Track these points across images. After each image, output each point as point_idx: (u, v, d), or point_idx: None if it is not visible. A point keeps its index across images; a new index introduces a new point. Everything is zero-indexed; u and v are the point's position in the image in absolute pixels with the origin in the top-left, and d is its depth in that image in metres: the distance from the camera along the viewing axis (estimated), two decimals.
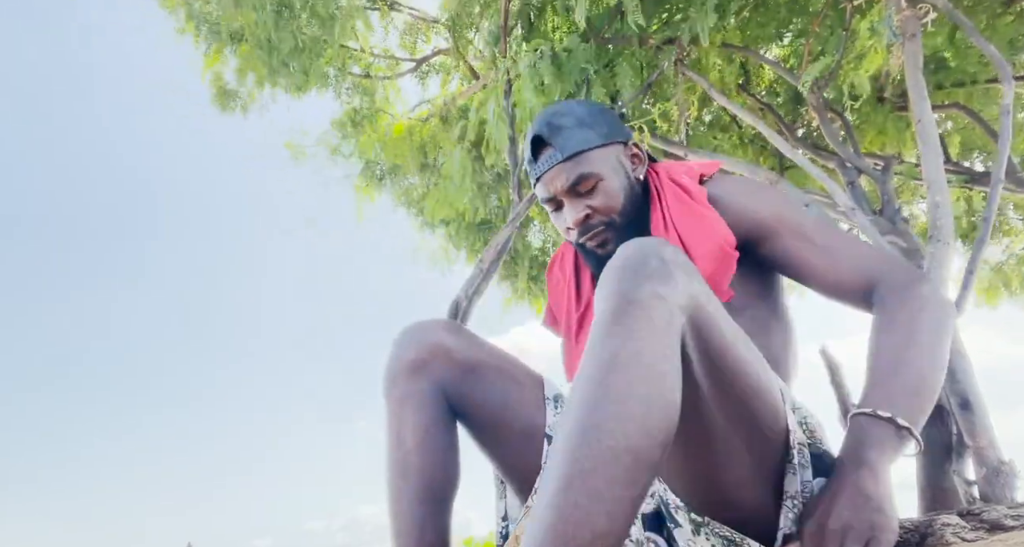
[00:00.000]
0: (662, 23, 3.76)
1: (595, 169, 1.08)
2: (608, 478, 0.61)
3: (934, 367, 0.86)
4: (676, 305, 0.71)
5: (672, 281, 0.72)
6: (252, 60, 4.17)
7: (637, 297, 0.70)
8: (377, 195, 5.17)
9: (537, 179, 1.12)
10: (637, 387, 0.65)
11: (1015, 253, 5.40)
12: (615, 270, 0.74)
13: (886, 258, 0.98)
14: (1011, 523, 1.23)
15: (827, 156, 3.91)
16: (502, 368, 1.05)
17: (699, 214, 1.02)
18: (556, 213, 1.12)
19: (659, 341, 0.68)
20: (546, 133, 1.10)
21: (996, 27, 3.64)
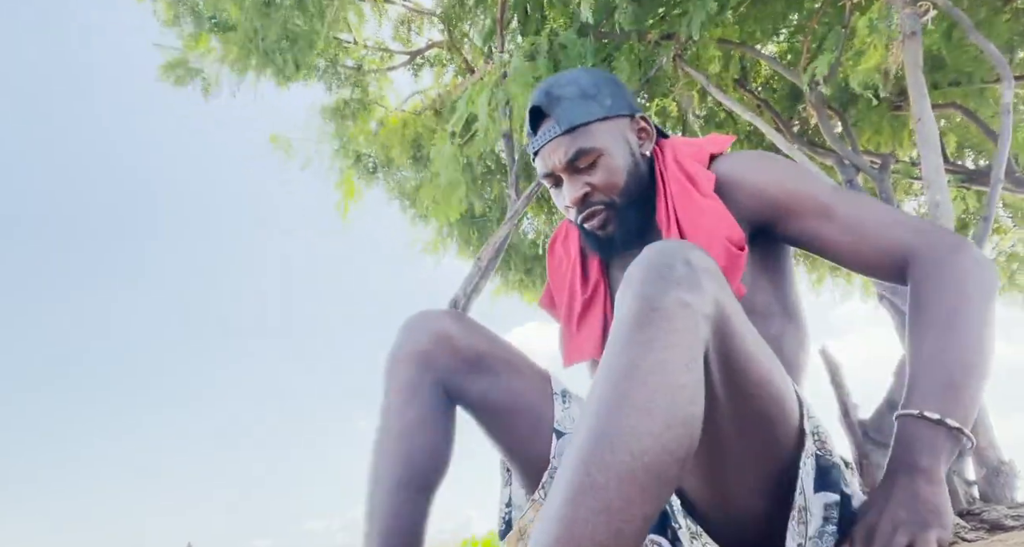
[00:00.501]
0: (659, 18, 3.73)
1: (596, 144, 1.02)
2: (621, 494, 0.59)
3: (981, 350, 0.80)
4: (702, 314, 0.68)
5: (699, 289, 0.68)
6: (238, 49, 4.08)
7: (662, 304, 0.67)
8: (369, 189, 5.11)
9: (535, 153, 1.07)
10: (658, 399, 0.62)
11: (1004, 251, 5.45)
12: (639, 273, 0.71)
13: (918, 227, 0.90)
14: (1011, 523, 1.22)
15: (824, 153, 3.90)
16: (508, 360, 1.02)
17: (702, 208, 0.96)
18: (556, 190, 1.07)
19: (683, 352, 0.65)
20: (545, 104, 1.04)
21: (994, 25, 3.64)
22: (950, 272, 0.84)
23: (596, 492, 0.59)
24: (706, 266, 0.72)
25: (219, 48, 4.26)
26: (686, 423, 0.63)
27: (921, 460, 0.74)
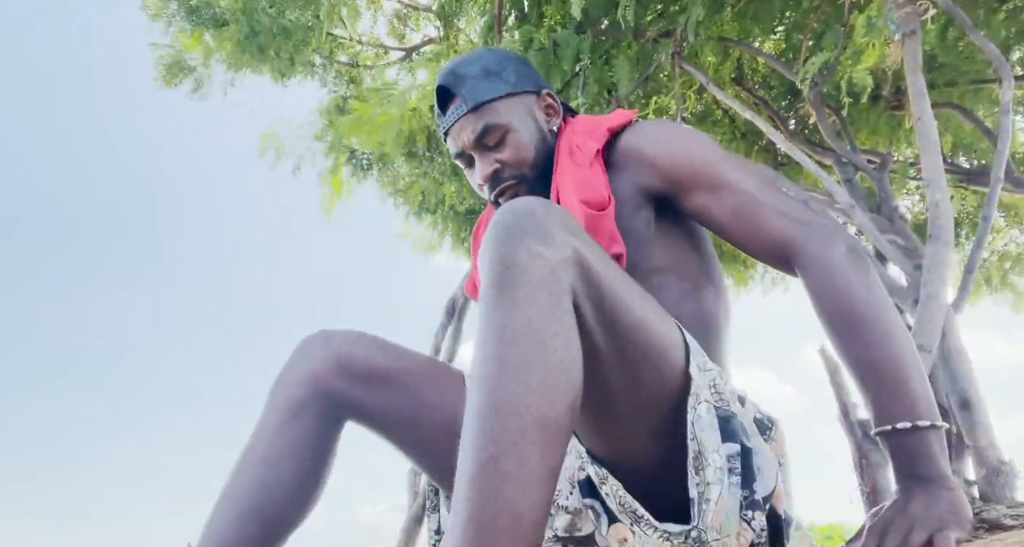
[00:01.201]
0: (657, 15, 3.71)
1: (502, 120, 1.03)
2: (519, 458, 0.59)
3: (896, 336, 0.82)
4: (558, 261, 0.68)
5: (549, 238, 0.69)
6: (233, 44, 4.03)
7: (516, 261, 0.67)
8: (363, 185, 5.08)
9: (446, 133, 1.07)
10: (532, 357, 0.63)
11: (997, 250, 5.47)
12: (490, 235, 0.71)
13: (800, 218, 0.91)
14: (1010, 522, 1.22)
15: (823, 152, 3.90)
16: (416, 371, 0.96)
17: (571, 176, 0.97)
18: (469, 170, 1.07)
19: (546, 303, 0.66)
20: (451, 83, 1.05)
21: (990, 25, 3.64)
22: (835, 267, 0.85)
23: (496, 463, 0.59)
24: (555, 216, 0.72)
25: (213, 44, 4.21)
26: (566, 371, 0.64)
27: (926, 469, 0.75)
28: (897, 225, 3.16)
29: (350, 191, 4.96)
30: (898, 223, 3.17)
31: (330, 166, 4.87)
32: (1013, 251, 5.49)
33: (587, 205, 0.93)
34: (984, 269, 5.47)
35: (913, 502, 0.73)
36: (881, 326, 0.82)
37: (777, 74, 4.23)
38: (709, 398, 0.81)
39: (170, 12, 4.15)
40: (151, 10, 4.13)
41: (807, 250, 0.88)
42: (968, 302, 5.52)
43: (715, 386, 0.83)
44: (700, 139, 1.00)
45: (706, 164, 0.95)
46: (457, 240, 5.35)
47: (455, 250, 5.43)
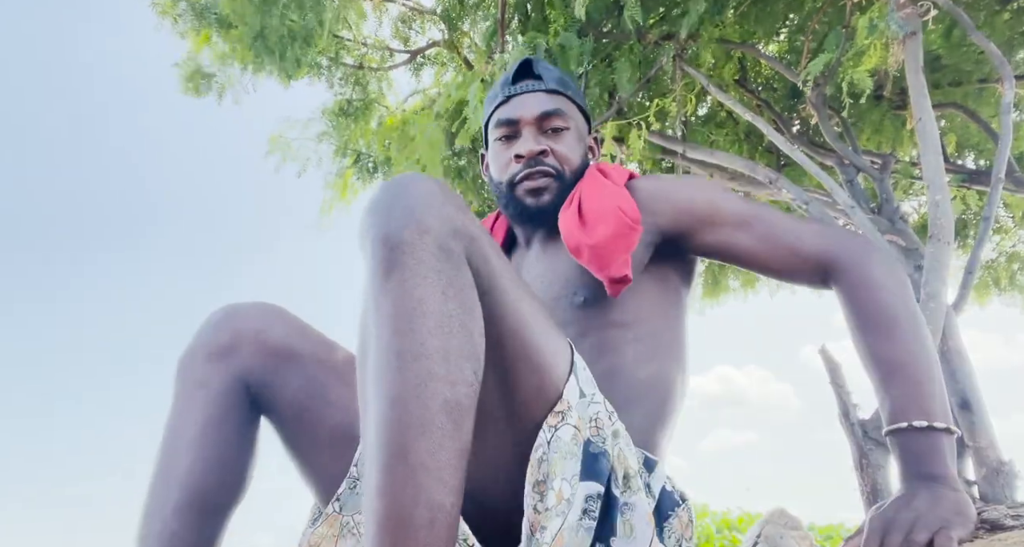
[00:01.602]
0: (659, 18, 3.73)
1: (569, 117, 1.06)
2: (429, 447, 0.57)
3: (925, 343, 0.84)
4: (448, 232, 0.65)
5: (435, 210, 0.65)
6: (240, 45, 4.07)
7: (400, 239, 0.63)
8: (367, 189, 5.10)
9: (506, 99, 1.07)
10: (429, 340, 0.60)
11: (1005, 251, 5.44)
12: (367, 215, 0.67)
13: (828, 233, 0.94)
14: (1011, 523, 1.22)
15: (824, 153, 3.90)
16: (327, 361, 0.89)
17: (605, 188, 0.98)
18: (505, 143, 1.06)
19: (437, 283, 0.62)
20: (536, 64, 1.08)
21: (994, 25, 3.64)
22: (874, 276, 0.88)
23: (406, 454, 0.57)
24: (439, 189, 0.68)
25: (221, 45, 4.25)
26: (464, 349, 0.62)
27: (934, 469, 0.75)
28: (898, 226, 3.15)
29: (355, 193, 4.99)
30: (899, 224, 3.17)
31: (338, 169, 4.90)
32: (1022, 252, 5.46)
33: (624, 212, 0.92)
34: (992, 270, 5.44)
35: (917, 500, 0.72)
36: (912, 329, 0.84)
37: (779, 76, 4.24)
38: (579, 426, 0.75)
39: (177, 11, 4.20)
40: (158, 7, 4.18)
41: (842, 262, 0.89)
42: (974, 303, 5.52)
43: (596, 420, 0.78)
44: (712, 182, 1.06)
45: (728, 201, 0.98)
46: None
47: None
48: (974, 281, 2.72)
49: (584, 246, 0.92)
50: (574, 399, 0.76)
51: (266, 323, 0.87)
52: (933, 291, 2.51)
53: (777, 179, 3.41)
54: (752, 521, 5.66)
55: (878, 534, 0.69)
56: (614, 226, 0.91)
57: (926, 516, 0.69)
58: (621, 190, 0.97)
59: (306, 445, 0.88)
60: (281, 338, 0.86)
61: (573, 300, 0.97)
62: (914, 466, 0.77)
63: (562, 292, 0.99)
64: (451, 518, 0.57)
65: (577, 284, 0.97)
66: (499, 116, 1.07)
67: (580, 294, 0.97)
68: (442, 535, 0.56)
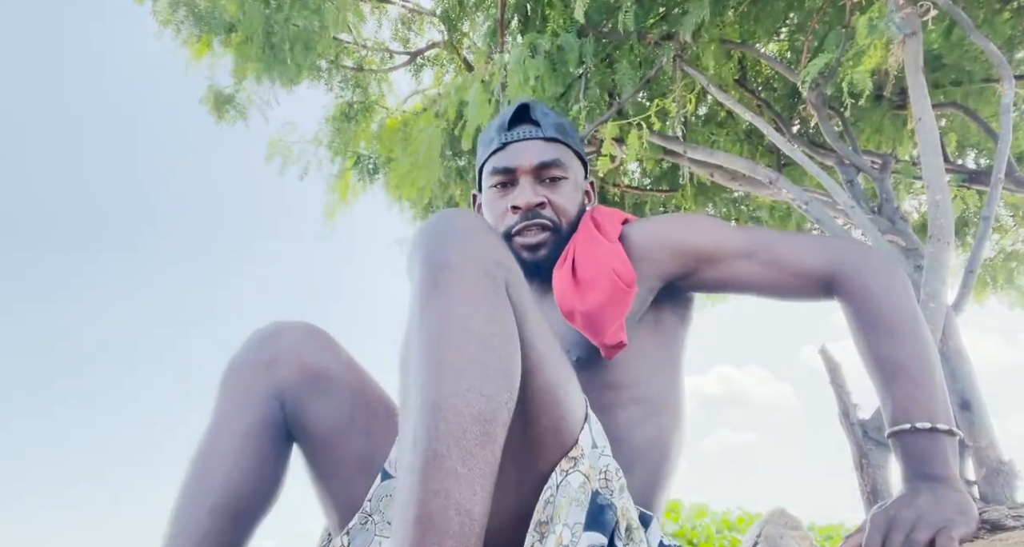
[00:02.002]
0: (659, 18, 3.73)
1: (566, 166, 1.04)
2: (462, 455, 0.59)
3: (928, 347, 0.85)
4: (493, 261, 0.69)
5: (479, 241, 0.69)
6: (244, 52, 4.08)
7: (448, 262, 0.67)
8: (367, 191, 5.11)
9: (502, 147, 1.04)
10: (469, 356, 0.63)
11: (1004, 250, 5.45)
12: (418, 239, 0.71)
13: (830, 246, 0.94)
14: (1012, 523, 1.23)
15: (825, 153, 3.90)
16: (356, 387, 0.90)
17: (599, 246, 0.96)
18: (500, 190, 1.03)
19: (482, 302, 0.66)
20: (534, 109, 1.05)
21: (994, 25, 3.64)
22: (875, 283, 0.88)
23: (440, 461, 0.59)
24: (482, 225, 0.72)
25: (226, 57, 4.26)
26: (502, 367, 0.64)
27: (937, 470, 0.75)
28: (898, 226, 3.16)
29: (356, 195, 4.99)
30: (899, 224, 3.17)
31: (338, 171, 4.91)
32: (1021, 251, 5.47)
33: (618, 275, 0.91)
34: (990, 268, 5.45)
35: (920, 499, 0.72)
36: (913, 331, 0.84)
37: (779, 76, 4.24)
38: (589, 475, 0.76)
39: (178, 19, 4.20)
40: (160, 15, 4.18)
41: (844, 273, 0.90)
42: (972, 301, 5.53)
43: (605, 472, 0.80)
44: (707, 216, 1.04)
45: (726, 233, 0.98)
46: None
47: None
48: (974, 281, 2.72)
49: (577, 312, 0.92)
50: (587, 447, 0.77)
51: (307, 344, 0.88)
52: (933, 291, 2.51)
53: (777, 179, 3.41)
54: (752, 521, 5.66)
55: (880, 532, 0.69)
56: (608, 291, 0.90)
57: (928, 515, 0.69)
58: (615, 247, 0.95)
59: (326, 468, 0.89)
60: (318, 360, 0.88)
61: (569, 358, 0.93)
62: (917, 467, 0.77)
63: None
64: (479, 527, 0.59)
65: (571, 342, 0.96)
66: (495, 163, 1.04)
67: (574, 352, 0.96)
68: (470, 543, 0.58)
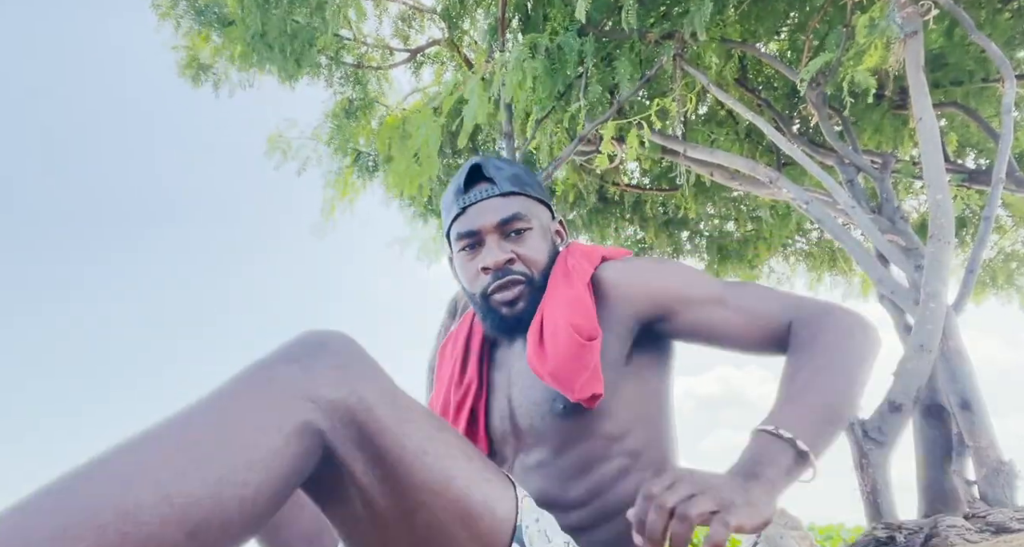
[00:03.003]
0: (660, 17, 3.72)
1: (528, 216, 1.02)
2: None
3: (848, 393, 0.80)
4: (311, 396, 0.60)
5: (318, 371, 0.62)
6: (240, 45, 4.07)
7: (257, 377, 0.61)
8: (367, 188, 5.10)
9: (462, 210, 1.03)
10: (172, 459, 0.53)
11: (1003, 250, 5.45)
12: (278, 348, 0.65)
13: (797, 303, 0.92)
14: (1017, 526, 1.22)
15: (825, 153, 3.90)
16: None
17: (562, 297, 0.95)
18: (469, 253, 1.02)
19: (250, 425, 0.57)
20: (486, 167, 1.04)
21: (995, 24, 3.64)
22: (826, 324, 0.86)
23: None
24: (345, 352, 0.65)
25: (221, 44, 4.25)
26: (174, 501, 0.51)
27: (764, 471, 0.69)
28: (899, 225, 3.15)
29: (356, 193, 4.99)
30: (899, 223, 3.17)
31: (337, 168, 4.90)
32: (1021, 251, 5.48)
33: (577, 330, 0.90)
34: (990, 268, 5.45)
35: (718, 479, 0.66)
36: (848, 374, 0.80)
37: (780, 75, 4.24)
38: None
39: (178, 12, 4.19)
40: (160, 8, 4.18)
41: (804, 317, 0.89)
42: (971, 301, 5.53)
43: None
44: (683, 264, 1.03)
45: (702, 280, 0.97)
46: None
47: None
48: (974, 281, 2.72)
49: (544, 373, 0.91)
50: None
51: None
52: (933, 291, 2.51)
53: (777, 178, 3.41)
54: None
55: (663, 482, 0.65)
56: (566, 347, 0.89)
57: (711, 493, 0.63)
58: (577, 295, 0.94)
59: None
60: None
61: (553, 407, 0.94)
62: (747, 462, 0.71)
63: (541, 398, 0.95)
64: None
65: (556, 392, 0.94)
66: (458, 229, 1.03)
67: (559, 402, 0.94)
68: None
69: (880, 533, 1.51)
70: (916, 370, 2.37)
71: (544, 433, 0.95)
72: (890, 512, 2.36)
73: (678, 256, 5.81)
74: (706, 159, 3.95)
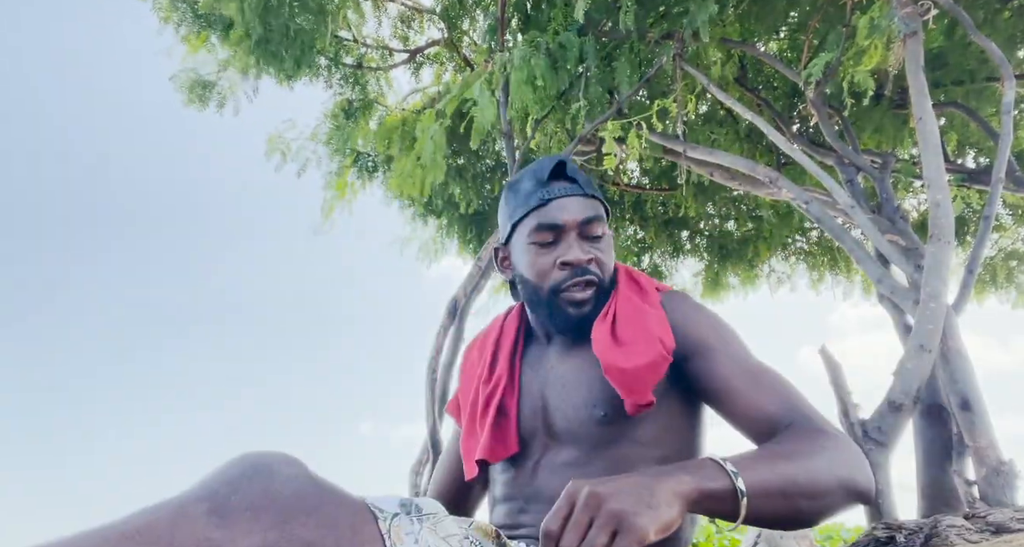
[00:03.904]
0: (659, 17, 3.72)
1: (606, 223, 1.05)
2: None
3: (810, 486, 0.75)
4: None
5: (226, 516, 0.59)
6: (239, 48, 4.07)
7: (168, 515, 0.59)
8: (367, 188, 5.11)
9: (544, 202, 1.02)
10: None
11: (1003, 249, 5.45)
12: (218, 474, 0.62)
13: (806, 403, 0.90)
14: (1017, 526, 1.23)
15: (825, 153, 3.90)
16: None
17: (644, 311, 0.97)
18: (547, 247, 1.02)
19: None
20: (569, 167, 1.06)
21: (995, 24, 3.64)
22: (819, 434, 0.82)
23: None
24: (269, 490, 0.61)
25: (220, 48, 4.25)
26: None
27: (679, 473, 0.68)
28: (899, 225, 3.16)
29: (355, 193, 4.99)
30: (899, 223, 3.17)
31: (336, 169, 4.90)
32: (1021, 250, 5.48)
33: (663, 344, 0.93)
34: (989, 267, 5.46)
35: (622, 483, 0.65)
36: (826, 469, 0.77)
37: (779, 75, 4.24)
38: None
39: (178, 16, 4.20)
40: (161, 11, 4.18)
41: (810, 424, 0.85)
42: (971, 301, 5.53)
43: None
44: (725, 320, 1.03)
45: (733, 337, 0.98)
46: (463, 242, 5.37)
47: (461, 252, 5.45)
48: (974, 281, 2.72)
49: (616, 368, 0.93)
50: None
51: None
52: (933, 291, 2.51)
53: (777, 178, 3.41)
54: None
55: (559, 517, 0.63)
56: (650, 356, 0.91)
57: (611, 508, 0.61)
58: (659, 314, 0.97)
59: None
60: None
61: (593, 413, 0.96)
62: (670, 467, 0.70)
63: (582, 402, 0.98)
64: None
65: (599, 398, 0.97)
66: (540, 220, 1.02)
67: (600, 408, 0.96)
68: None
69: (880, 533, 1.51)
70: (916, 370, 2.38)
71: (578, 435, 0.97)
72: (890, 512, 2.36)
73: (678, 256, 5.81)
74: (706, 159, 3.96)
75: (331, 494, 0.66)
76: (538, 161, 1.08)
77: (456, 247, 5.44)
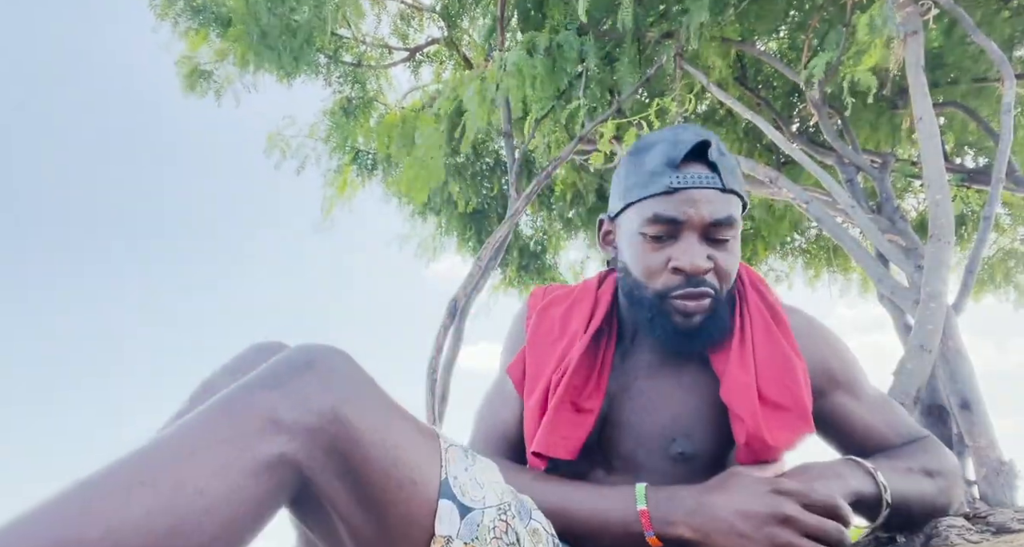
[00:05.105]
0: (659, 16, 3.72)
1: (737, 224, 0.87)
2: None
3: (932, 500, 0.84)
4: (287, 427, 0.56)
5: (298, 397, 0.57)
6: (239, 44, 4.06)
7: (237, 404, 0.56)
8: (367, 186, 5.10)
9: (670, 190, 0.85)
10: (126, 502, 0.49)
11: (1002, 248, 5.46)
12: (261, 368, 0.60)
13: (917, 427, 0.94)
14: (1017, 526, 1.22)
15: (824, 152, 3.90)
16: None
17: (785, 353, 0.86)
18: (660, 243, 0.86)
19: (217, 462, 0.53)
20: (714, 152, 0.86)
21: (994, 24, 3.64)
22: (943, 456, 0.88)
23: None
24: (333, 372, 0.60)
25: (219, 44, 4.24)
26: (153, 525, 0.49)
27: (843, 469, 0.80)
28: (898, 225, 3.16)
29: (354, 190, 4.99)
30: (899, 223, 3.17)
31: (336, 166, 4.90)
32: (1020, 249, 5.49)
33: (807, 422, 0.85)
34: (988, 266, 5.46)
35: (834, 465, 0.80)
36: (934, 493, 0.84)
37: (779, 74, 4.24)
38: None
39: (176, 11, 4.19)
40: (158, 8, 4.17)
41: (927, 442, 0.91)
42: (970, 300, 5.53)
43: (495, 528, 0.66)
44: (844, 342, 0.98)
45: (855, 366, 0.94)
46: (462, 240, 5.37)
47: (460, 250, 5.45)
48: (974, 281, 2.72)
49: (759, 441, 0.82)
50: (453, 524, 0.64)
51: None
52: (933, 291, 2.51)
53: (777, 178, 3.41)
54: None
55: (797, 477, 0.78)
56: (801, 433, 0.83)
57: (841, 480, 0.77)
58: (799, 362, 0.86)
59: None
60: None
61: (669, 447, 0.86)
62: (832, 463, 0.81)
63: (659, 432, 0.88)
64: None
65: (680, 433, 0.87)
66: (659, 210, 0.85)
67: (680, 446, 0.87)
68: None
69: (880, 533, 1.52)
70: (916, 370, 2.37)
71: (643, 466, 0.88)
72: None
73: None
74: None
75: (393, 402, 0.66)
76: (675, 130, 0.89)
77: (455, 245, 5.44)
